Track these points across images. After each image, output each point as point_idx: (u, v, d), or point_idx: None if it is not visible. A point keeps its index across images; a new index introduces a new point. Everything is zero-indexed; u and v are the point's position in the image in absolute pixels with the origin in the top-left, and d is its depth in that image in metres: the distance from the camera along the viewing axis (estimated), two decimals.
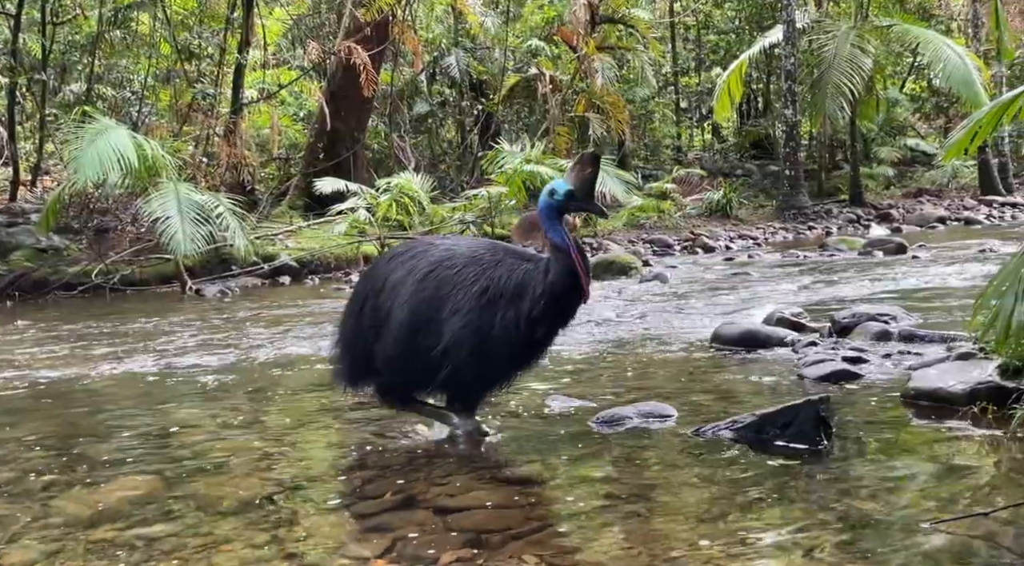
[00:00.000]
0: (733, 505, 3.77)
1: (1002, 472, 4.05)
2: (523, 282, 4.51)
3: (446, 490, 4.07)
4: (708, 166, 27.39)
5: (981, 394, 4.83)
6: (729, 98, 23.73)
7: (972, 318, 4.94)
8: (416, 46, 19.18)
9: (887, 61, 26.52)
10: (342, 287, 13.54)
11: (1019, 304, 4.35)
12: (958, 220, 21.71)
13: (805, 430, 4.50)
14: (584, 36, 21.55)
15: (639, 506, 3.79)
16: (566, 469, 4.35)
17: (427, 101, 23.30)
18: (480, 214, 17.37)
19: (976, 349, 5.38)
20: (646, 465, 4.37)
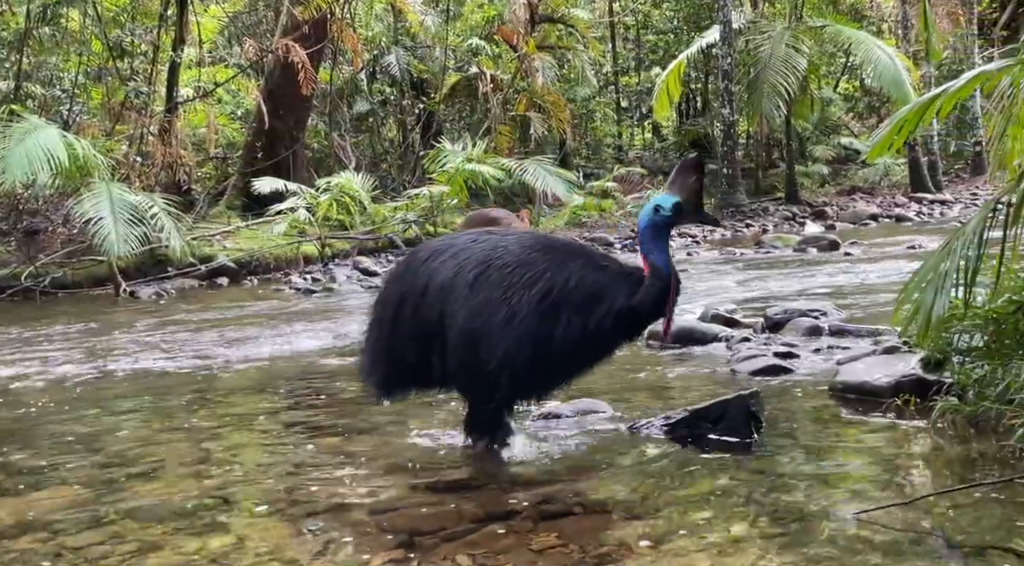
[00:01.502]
0: (664, 500, 3.83)
1: (923, 463, 4.17)
2: (597, 292, 4.16)
3: (381, 491, 4.07)
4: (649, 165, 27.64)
5: (905, 387, 4.96)
6: (668, 97, 23.98)
7: (895, 312, 5.07)
8: (355, 44, 19.04)
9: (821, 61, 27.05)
10: (281, 288, 13.40)
11: (939, 298, 4.48)
12: (889, 217, 22.23)
13: (735, 424, 4.59)
14: (524, 35, 21.61)
15: (573, 503, 3.82)
16: (501, 469, 4.37)
17: (368, 100, 23.15)
18: (422, 213, 17.32)
19: (901, 343, 5.52)
20: (580, 462, 4.40)
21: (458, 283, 4.21)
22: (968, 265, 4.43)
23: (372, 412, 5.63)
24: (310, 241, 15.62)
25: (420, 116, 23.11)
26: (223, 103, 21.13)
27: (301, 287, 13.21)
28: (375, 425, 5.32)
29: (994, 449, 4.13)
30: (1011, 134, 5.71)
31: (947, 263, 4.54)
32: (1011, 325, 4.49)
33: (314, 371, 7.09)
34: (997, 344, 4.55)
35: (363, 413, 5.63)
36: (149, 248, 13.54)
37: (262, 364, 7.46)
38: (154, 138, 16.65)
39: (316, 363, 7.40)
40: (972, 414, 4.41)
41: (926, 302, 4.56)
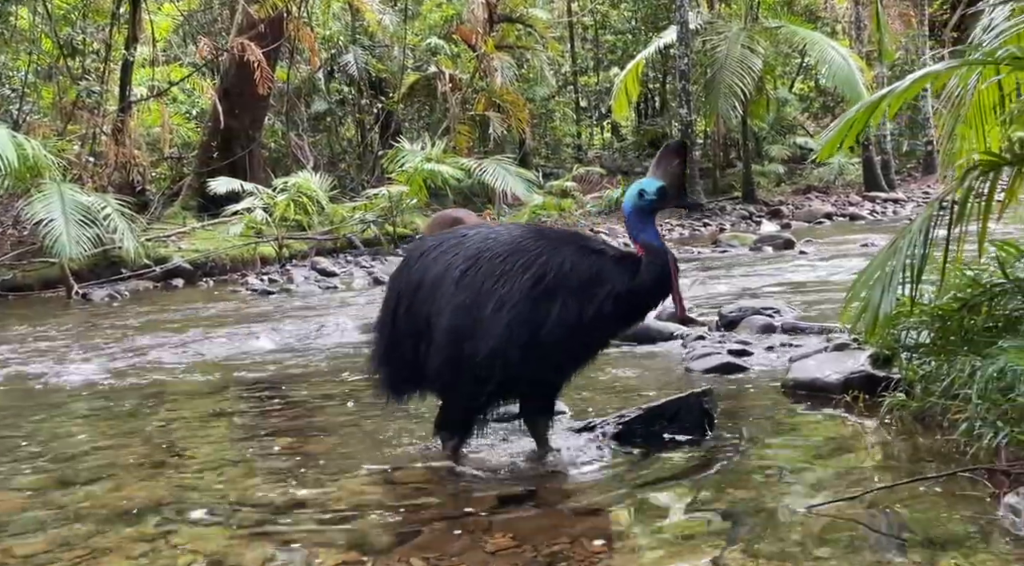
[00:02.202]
0: (618, 497, 3.87)
1: (871, 458, 4.24)
2: (595, 275, 4.04)
3: (335, 494, 4.04)
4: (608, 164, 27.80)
5: (854, 383, 5.04)
6: (626, 97, 24.11)
7: (844, 310, 5.16)
8: (312, 43, 18.91)
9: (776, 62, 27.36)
10: (238, 290, 13.27)
11: (886, 296, 4.57)
12: (844, 216, 22.56)
13: (689, 422, 4.63)
14: (483, 35, 21.61)
15: (528, 503, 3.83)
16: (456, 470, 4.35)
17: (325, 99, 22.99)
18: (381, 213, 17.25)
19: (851, 340, 5.61)
20: (536, 462, 4.41)
21: (446, 279, 4.12)
22: (914, 263, 4.52)
23: (327, 414, 5.62)
24: (267, 242, 15.49)
25: (378, 115, 22.99)
26: (178, 102, 20.87)
27: (258, 288, 13.09)
28: (330, 427, 5.30)
29: (939, 443, 4.21)
30: (959, 134, 5.84)
31: (893, 261, 4.63)
32: (956, 322, 4.59)
33: (269, 373, 7.03)
34: (943, 341, 4.64)
35: (318, 415, 5.61)
36: (102, 250, 13.34)
37: (217, 366, 7.38)
38: (107, 138, 16.40)
39: (271, 365, 7.34)
40: (919, 410, 4.49)
41: (874, 300, 4.64)
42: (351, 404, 5.82)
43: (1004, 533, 3.19)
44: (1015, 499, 3.26)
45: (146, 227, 15.30)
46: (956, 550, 3.08)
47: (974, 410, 3.87)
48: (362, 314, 9.88)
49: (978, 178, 4.76)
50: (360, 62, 21.95)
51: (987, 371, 3.83)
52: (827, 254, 14.35)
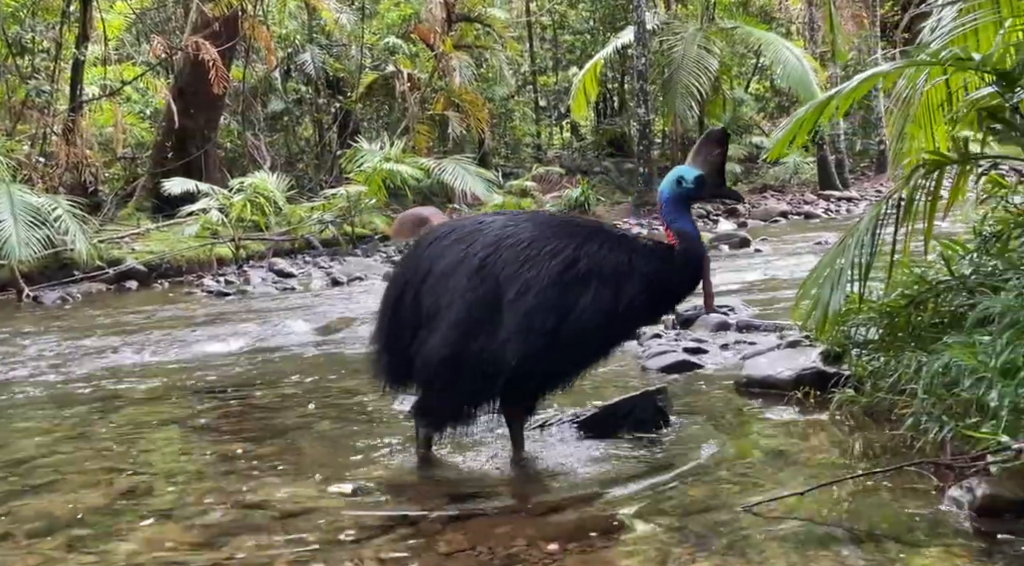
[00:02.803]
0: (573, 498, 3.88)
1: (821, 453, 4.30)
2: (628, 262, 3.90)
3: (289, 495, 4.02)
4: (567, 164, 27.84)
5: (806, 380, 5.11)
6: (585, 97, 24.19)
7: (795, 307, 5.23)
8: (268, 42, 18.73)
9: (732, 62, 27.63)
10: (193, 291, 13.11)
11: (835, 293, 4.63)
12: (799, 214, 22.83)
13: (643, 420, 4.68)
14: (441, 34, 21.55)
15: (483, 504, 3.83)
16: (411, 469, 4.36)
17: (282, 98, 22.77)
18: (339, 213, 17.14)
19: (803, 337, 5.68)
20: (492, 463, 4.41)
21: (460, 269, 3.94)
22: (862, 261, 4.59)
23: (283, 416, 5.57)
24: (223, 243, 15.31)
25: (336, 115, 22.82)
26: (131, 102, 20.54)
27: (214, 290, 12.94)
28: (286, 429, 5.26)
29: (887, 438, 4.29)
30: (909, 133, 5.93)
31: (842, 259, 4.70)
32: (903, 318, 4.66)
33: (224, 376, 6.95)
34: (891, 337, 4.72)
35: (274, 417, 5.57)
36: (53, 251, 13.10)
37: (170, 369, 7.29)
38: (58, 138, 16.10)
39: (226, 368, 7.26)
40: (868, 405, 4.56)
41: (823, 297, 4.71)
42: (309, 406, 5.79)
43: (948, 526, 3.26)
44: (959, 492, 3.33)
45: (99, 228, 15.04)
46: (902, 543, 3.14)
47: (920, 405, 3.94)
48: (320, 315, 9.82)
49: (924, 177, 4.85)
50: (317, 61, 21.77)
51: (932, 366, 3.90)
52: (782, 252, 14.52)
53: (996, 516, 3.23)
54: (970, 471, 3.45)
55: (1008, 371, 3.58)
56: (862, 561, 3.04)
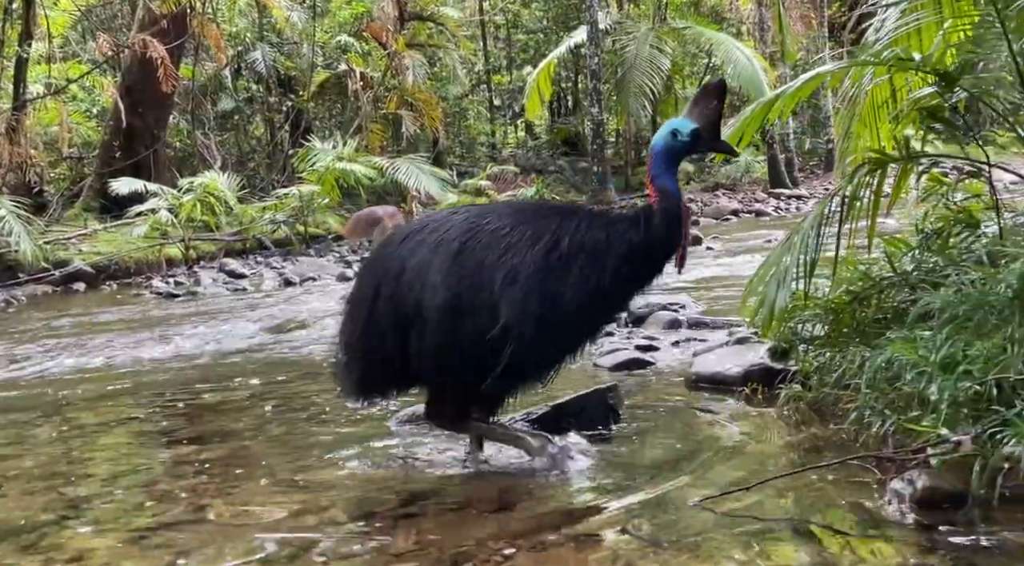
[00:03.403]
0: (523, 496, 3.88)
1: (768, 448, 4.34)
2: (608, 236, 3.83)
3: (239, 499, 3.97)
4: (522, 163, 27.89)
5: (753, 376, 5.16)
6: (539, 96, 24.25)
7: (743, 304, 5.28)
8: (218, 40, 18.49)
9: (684, 62, 27.89)
10: (142, 293, 12.91)
11: (781, 290, 4.70)
12: (750, 212, 23.12)
13: (594, 417, 4.69)
14: (394, 33, 21.46)
15: (434, 503, 3.82)
16: (364, 472, 4.33)
17: (233, 97, 22.50)
18: (292, 213, 16.99)
19: (751, 334, 5.75)
20: (442, 462, 4.39)
21: (437, 257, 3.84)
22: (807, 259, 4.65)
23: (232, 418, 5.51)
24: (173, 243, 15.10)
25: (288, 114, 22.62)
26: (77, 100, 20.16)
27: (163, 291, 12.75)
28: (235, 431, 5.20)
29: (831, 432, 4.35)
30: (855, 132, 6.02)
31: (788, 257, 4.77)
32: (847, 315, 4.73)
33: (172, 378, 6.86)
34: (836, 333, 4.79)
35: (222, 419, 5.50)
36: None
37: (117, 372, 7.17)
38: (1, 137, 15.75)
39: (174, 370, 7.16)
40: (814, 400, 4.63)
41: (770, 295, 4.77)
42: (257, 408, 5.72)
43: (890, 518, 3.31)
44: (900, 485, 3.39)
45: (44, 229, 14.76)
46: (845, 535, 3.19)
47: (863, 399, 4.00)
48: (271, 316, 9.72)
49: (867, 175, 4.93)
50: (268, 59, 21.55)
51: (875, 361, 3.96)
52: (733, 250, 14.69)
53: (936, 508, 3.28)
54: (911, 464, 3.51)
55: (947, 365, 3.65)
56: (806, 554, 3.08)
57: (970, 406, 3.50)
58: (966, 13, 5.31)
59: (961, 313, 3.88)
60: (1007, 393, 3.48)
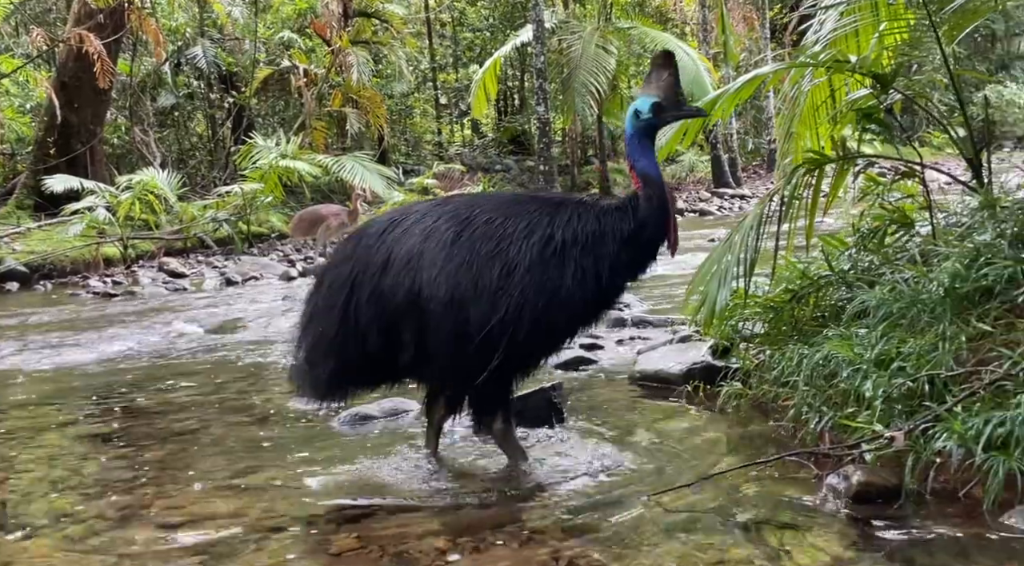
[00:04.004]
0: (466, 495, 3.88)
1: (709, 445, 4.40)
2: (601, 227, 3.80)
3: (175, 502, 3.92)
4: (468, 161, 27.82)
5: (695, 374, 5.23)
6: (485, 95, 24.18)
7: (685, 303, 5.34)
8: (157, 35, 18.08)
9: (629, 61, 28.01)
10: (78, 293, 12.62)
11: (722, 289, 4.76)
12: (694, 211, 23.36)
13: (538, 416, 4.71)
14: (338, 30, 21.23)
15: (376, 503, 3.80)
16: (307, 472, 4.29)
17: (173, 93, 22.06)
18: (234, 212, 16.73)
19: (694, 332, 5.81)
20: (386, 461, 4.37)
21: (429, 248, 3.76)
22: (746, 258, 4.72)
23: (168, 420, 5.43)
24: (111, 242, 14.78)
25: (230, 110, 22.24)
26: (10, 95, 19.62)
27: (100, 291, 12.48)
28: (172, 434, 5.12)
29: (771, 429, 4.42)
30: (797, 132, 6.12)
31: (729, 256, 4.83)
32: (786, 313, 4.82)
33: (108, 380, 6.71)
34: (775, 331, 4.87)
35: (159, 422, 5.41)
36: None
37: (51, 374, 7.00)
38: None
39: (111, 371, 7.01)
40: (754, 397, 4.70)
41: (711, 293, 4.84)
42: (196, 410, 5.64)
43: (826, 513, 3.38)
44: (836, 480, 3.46)
45: None
46: (782, 530, 3.24)
47: (801, 396, 4.08)
48: (212, 316, 9.58)
49: (805, 175, 5.01)
50: (209, 55, 21.16)
51: (813, 359, 4.04)
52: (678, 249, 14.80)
53: (870, 502, 3.36)
54: (846, 459, 3.58)
55: (882, 362, 3.74)
56: (744, 549, 3.13)
57: (903, 402, 3.59)
58: (901, 16, 5.43)
59: (895, 311, 3.97)
60: (939, 389, 3.57)
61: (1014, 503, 3.14)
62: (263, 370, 6.80)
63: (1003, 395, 3.36)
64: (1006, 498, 3.15)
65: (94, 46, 15.55)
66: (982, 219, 4.30)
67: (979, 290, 3.84)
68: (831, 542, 3.13)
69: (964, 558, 2.95)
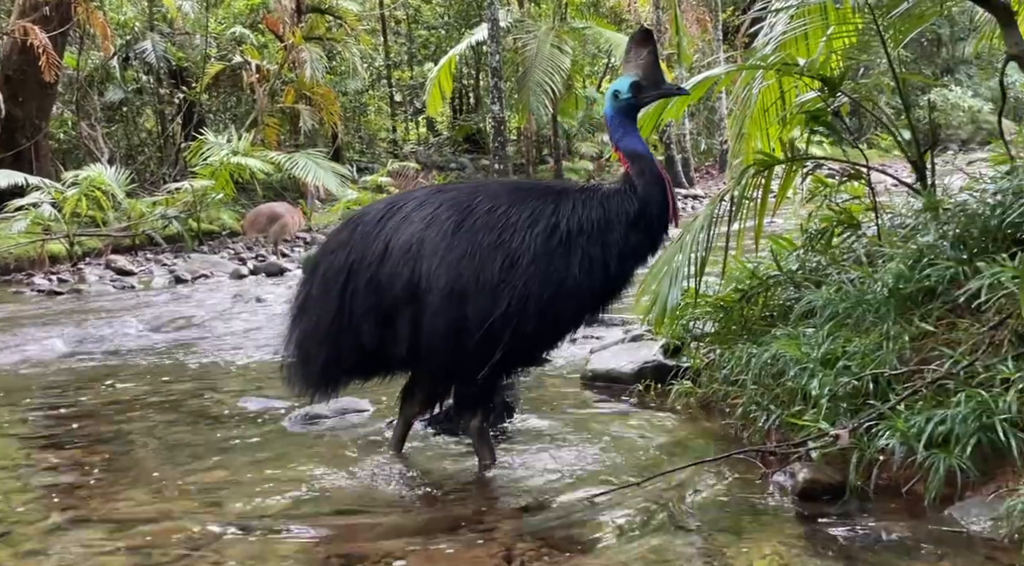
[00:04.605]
0: (414, 494, 3.87)
1: (659, 444, 4.43)
2: (604, 212, 3.70)
3: (121, 503, 3.87)
4: (423, 159, 27.71)
5: (647, 373, 5.26)
6: (440, 93, 24.10)
7: (636, 302, 5.37)
8: (105, 29, 17.73)
9: (584, 61, 28.15)
10: (22, 291, 12.35)
11: (673, 289, 4.80)
12: None
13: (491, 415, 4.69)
14: (291, 25, 21.03)
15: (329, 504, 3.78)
16: (255, 469, 4.25)
17: (121, 88, 21.65)
18: (184, 209, 16.50)
19: (645, 331, 5.85)
20: (337, 461, 4.33)
21: (430, 237, 3.66)
22: (697, 257, 4.77)
23: (114, 421, 5.33)
24: (57, 239, 14.48)
25: (180, 106, 21.90)
26: None
27: (45, 289, 12.22)
28: (118, 435, 5.04)
29: (719, 427, 4.47)
30: (748, 133, 6.18)
31: (680, 256, 4.87)
32: (736, 312, 4.87)
33: (52, 380, 6.57)
34: (725, 330, 4.92)
35: (104, 423, 5.32)
36: None
37: None
38: None
39: (56, 371, 6.87)
40: (704, 396, 4.75)
41: (663, 292, 4.87)
42: (143, 410, 5.54)
43: (772, 510, 3.42)
44: (782, 477, 3.51)
45: None
46: (729, 528, 3.28)
47: (749, 395, 4.13)
48: (160, 315, 9.43)
49: (755, 176, 5.07)
50: (159, 50, 20.80)
51: (761, 358, 4.09)
52: None
53: (816, 499, 3.42)
54: (793, 457, 3.63)
55: (828, 361, 3.80)
56: (693, 547, 3.16)
57: (848, 401, 3.65)
58: (850, 20, 5.51)
59: (841, 311, 4.04)
60: (883, 388, 3.64)
61: (954, 499, 3.22)
62: (212, 370, 6.71)
63: (944, 394, 3.43)
64: (946, 494, 3.22)
65: (39, 39, 15.23)
66: (925, 221, 4.39)
67: (922, 290, 3.92)
68: (778, 538, 3.18)
69: (906, 553, 3.01)
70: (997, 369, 3.35)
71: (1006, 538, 2.95)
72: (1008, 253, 3.67)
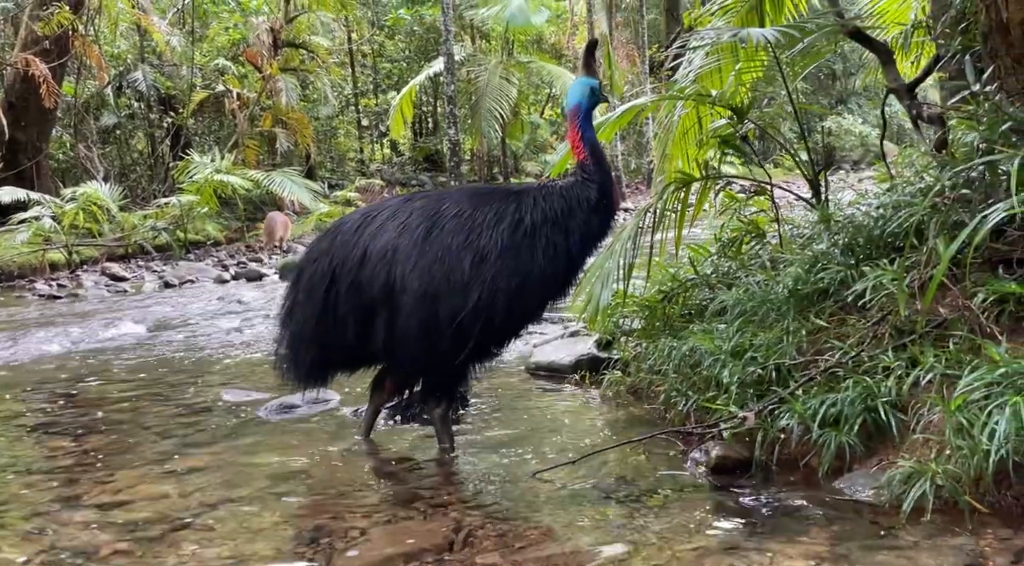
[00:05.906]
0: (375, 474, 3.84)
1: (592, 426, 4.45)
2: (565, 203, 3.64)
3: (111, 486, 3.76)
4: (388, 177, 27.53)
5: (583, 364, 5.28)
6: (402, 118, 24.01)
7: (573, 301, 5.39)
8: (100, 60, 17.31)
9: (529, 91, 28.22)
10: (24, 295, 12.00)
11: (604, 290, 4.83)
12: None
13: None
14: (268, 58, 20.75)
15: (301, 484, 3.73)
16: (235, 453, 4.17)
17: (115, 113, 21.16)
18: (172, 221, 16.20)
19: (582, 328, 5.87)
20: (306, 447, 4.28)
21: (403, 243, 3.60)
22: (625, 262, 4.80)
23: (111, 411, 5.21)
24: (56, 248, 14.11)
25: (169, 129, 21.48)
26: None
27: (45, 293, 11.89)
28: (113, 423, 4.91)
29: (645, 411, 4.50)
30: (672, 154, 6.24)
31: (611, 262, 4.90)
32: (659, 311, 4.91)
33: (52, 374, 6.40)
34: (650, 326, 4.96)
35: (98, 413, 5.18)
36: None
37: None
38: None
39: (55, 366, 6.69)
40: (632, 384, 4.78)
41: (596, 293, 4.90)
42: (134, 402, 5.42)
43: (690, 482, 3.46)
44: (698, 455, 3.54)
45: None
46: (652, 499, 3.30)
47: (670, 383, 4.16)
48: (151, 316, 9.23)
49: (674, 192, 5.12)
50: (149, 79, 20.39)
51: (680, 350, 4.13)
52: None
53: (728, 473, 3.45)
54: (707, 437, 3.67)
55: (737, 353, 3.85)
56: (623, 515, 3.17)
57: (755, 387, 3.70)
58: (756, 56, 5.60)
59: (748, 309, 4.09)
60: (784, 376, 3.69)
61: (843, 471, 3.28)
62: (197, 365, 6.59)
63: (835, 380, 3.50)
64: (837, 467, 3.29)
65: (40, 70, 14.85)
66: (820, 231, 4.47)
67: (817, 291, 3.99)
68: (695, 506, 3.21)
69: (803, 517, 3.06)
70: (880, 359, 3.42)
71: (887, 504, 3.01)
72: (888, 259, 3.75)
